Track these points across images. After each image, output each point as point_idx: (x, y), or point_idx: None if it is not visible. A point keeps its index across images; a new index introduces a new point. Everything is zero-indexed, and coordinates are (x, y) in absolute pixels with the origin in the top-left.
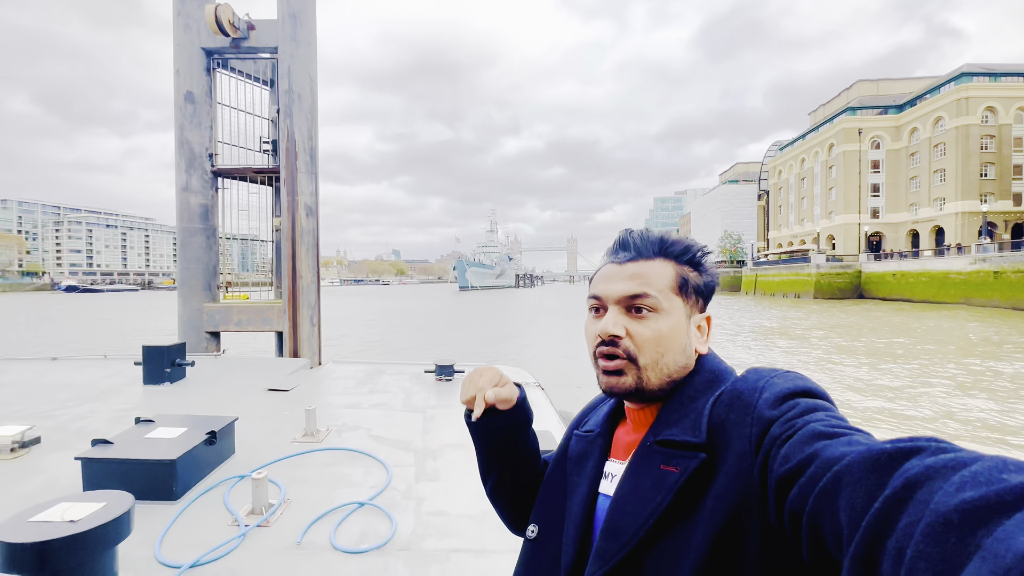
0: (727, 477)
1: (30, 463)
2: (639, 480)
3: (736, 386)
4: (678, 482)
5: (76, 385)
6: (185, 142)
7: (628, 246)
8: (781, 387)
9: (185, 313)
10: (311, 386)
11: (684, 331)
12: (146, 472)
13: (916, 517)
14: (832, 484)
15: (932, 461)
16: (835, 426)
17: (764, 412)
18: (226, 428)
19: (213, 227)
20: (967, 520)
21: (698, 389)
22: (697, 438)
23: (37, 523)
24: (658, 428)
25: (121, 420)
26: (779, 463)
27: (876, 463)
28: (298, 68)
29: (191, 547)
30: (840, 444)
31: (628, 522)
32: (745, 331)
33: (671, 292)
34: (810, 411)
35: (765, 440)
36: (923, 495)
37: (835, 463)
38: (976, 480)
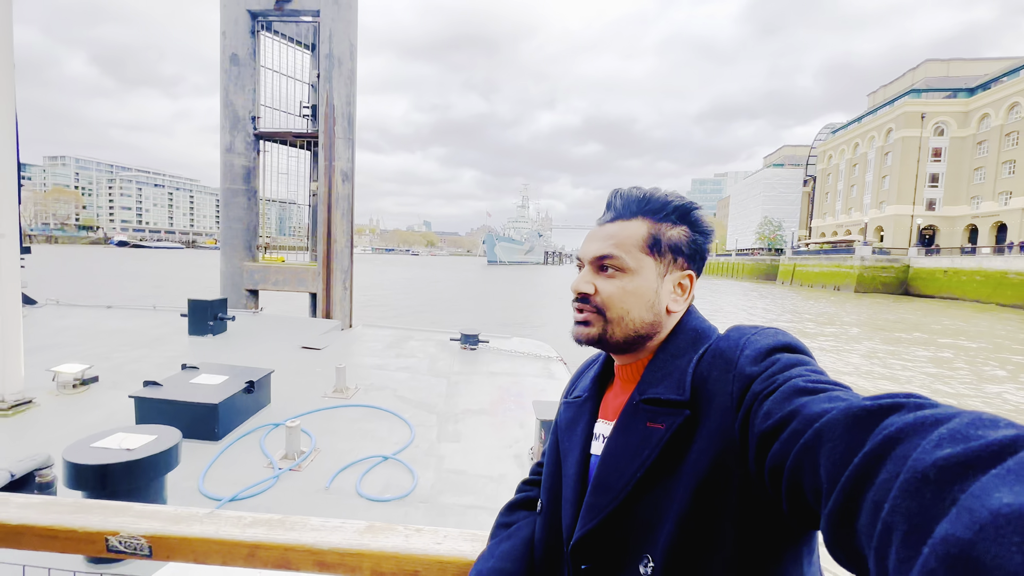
0: (709, 432)
1: (89, 398)
2: (627, 437)
3: (718, 344)
4: (663, 438)
5: (129, 332)
6: (229, 104)
7: (611, 207)
8: (761, 343)
9: (227, 270)
10: (342, 346)
11: (651, 289)
12: (191, 413)
13: (894, 472)
14: (813, 440)
15: (911, 418)
16: (815, 381)
17: (745, 368)
18: (263, 379)
19: (254, 189)
20: (943, 476)
21: (681, 347)
22: (681, 396)
23: (98, 448)
24: (643, 387)
25: (168, 365)
26: (760, 419)
27: (856, 419)
28: (339, 32)
29: (230, 483)
30: (821, 400)
31: (616, 477)
32: (780, 323)
33: (639, 251)
34: (791, 366)
35: (747, 396)
36: (902, 451)
37: (816, 419)
38: (953, 437)
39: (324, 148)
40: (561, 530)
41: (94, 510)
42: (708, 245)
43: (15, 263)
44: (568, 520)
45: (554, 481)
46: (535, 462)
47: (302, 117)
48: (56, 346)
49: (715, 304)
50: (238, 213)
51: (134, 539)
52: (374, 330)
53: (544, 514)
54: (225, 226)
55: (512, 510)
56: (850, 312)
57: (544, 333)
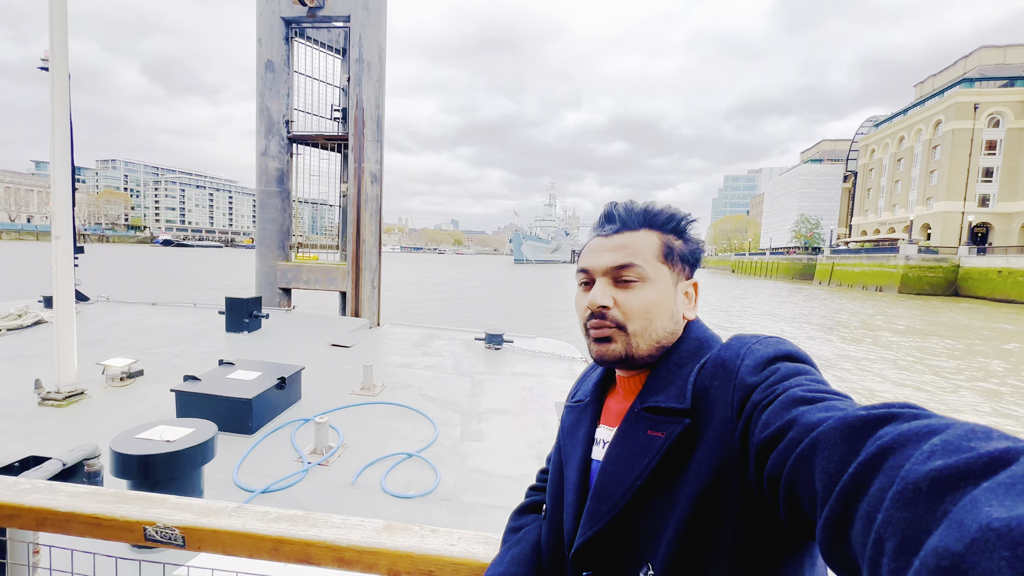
0: (710, 442)
1: (135, 391)
2: (627, 445)
3: (720, 354)
4: (663, 446)
5: (171, 328)
6: (265, 109)
7: (613, 218)
8: (762, 353)
9: (261, 270)
10: (370, 344)
11: (671, 298)
12: (227, 407)
13: (887, 483)
14: (809, 449)
15: (905, 428)
16: (815, 390)
17: (746, 378)
18: (294, 376)
19: (288, 190)
20: (935, 488)
21: (684, 356)
22: (682, 404)
23: (141, 439)
24: (645, 395)
25: (207, 361)
26: (759, 429)
27: (851, 429)
28: (368, 36)
29: (263, 476)
30: (818, 410)
31: (617, 485)
32: (816, 327)
33: (656, 261)
34: (791, 375)
35: (747, 406)
36: (895, 461)
37: (812, 429)
38: (946, 448)
39: (354, 150)
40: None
41: (133, 500)
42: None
43: (69, 264)
44: (569, 525)
45: (557, 486)
46: (540, 468)
47: (333, 120)
48: (105, 341)
49: (746, 304)
50: (272, 214)
51: (169, 530)
52: (401, 329)
53: (548, 519)
54: (260, 227)
55: (521, 515)
56: (902, 315)
57: (570, 334)
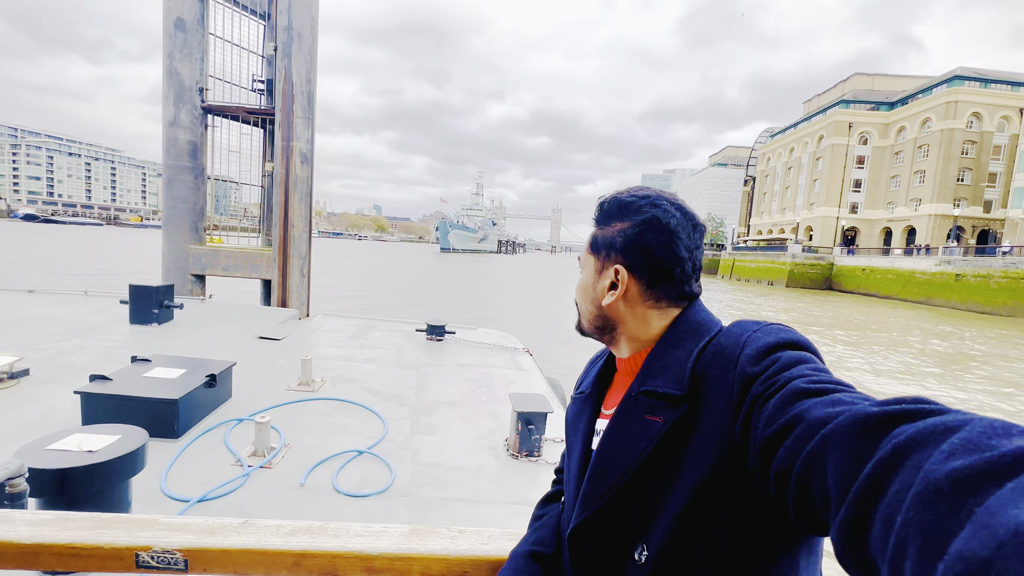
0: (708, 430)
1: (22, 394)
2: (624, 429)
3: (720, 340)
4: (660, 431)
5: (59, 319)
6: (174, 72)
7: None
8: (763, 341)
9: (170, 254)
10: (302, 337)
11: (591, 285)
12: (148, 410)
13: (906, 483)
14: (819, 447)
15: (921, 426)
16: (818, 381)
17: (745, 368)
18: (225, 372)
19: (201, 166)
20: (957, 488)
21: (680, 338)
22: (680, 390)
23: (55, 451)
24: (642, 379)
25: (111, 358)
26: (763, 424)
27: (864, 427)
28: (299, 3)
29: (196, 484)
30: (825, 404)
31: (612, 467)
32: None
33: (587, 252)
34: (792, 365)
35: (747, 398)
36: (913, 461)
37: (821, 425)
38: (966, 446)
39: (281, 127)
40: None
41: (116, 524)
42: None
43: None
44: (567, 512)
45: (567, 475)
46: None
47: (255, 92)
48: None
49: None
50: (183, 192)
51: (168, 554)
52: (335, 320)
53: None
54: (168, 205)
55: (545, 503)
56: (782, 307)
57: (508, 324)
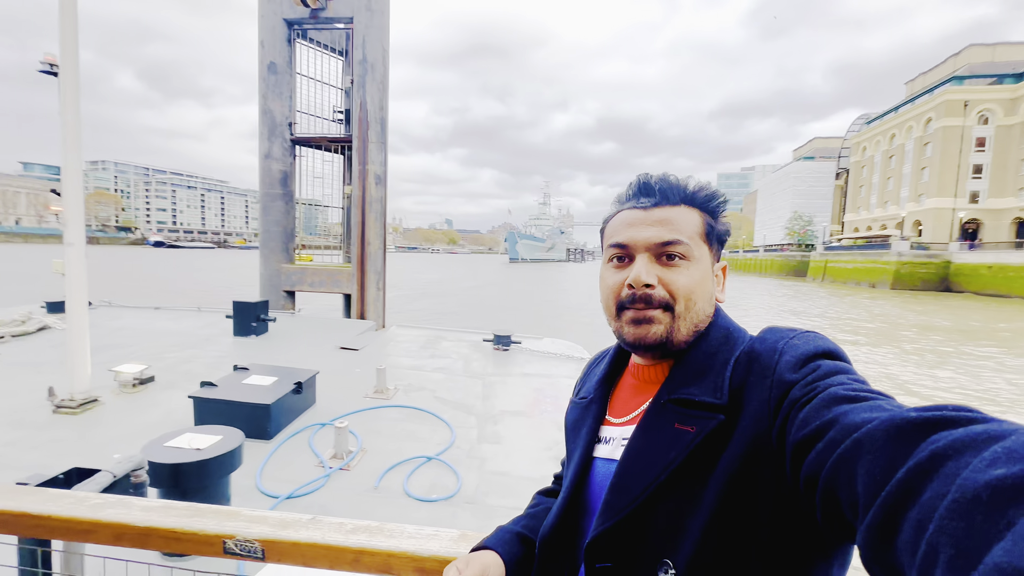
0: (742, 439)
1: (148, 397)
2: (651, 438)
3: (754, 347)
4: (694, 441)
5: (178, 332)
6: (268, 111)
7: (651, 191)
8: (801, 349)
9: (266, 273)
10: (378, 347)
11: (711, 279)
12: (246, 413)
13: (942, 491)
14: (852, 451)
15: (962, 433)
16: (856, 390)
17: (784, 375)
18: (309, 380)
19: (291, 192)
20: (997, 497)
21: (714, 346)
22: (719, 399)
23: (171, 448)
24: (672, 386)
25: (218, 366)
26: (797, 427)
27: (900, 431)
28: (372, 38)
29: (284, 481)
30: (862, 410)
31: (638, 479)
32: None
33: (699, 239)
34: (831, 374)
35: (784, 403)
36: (950, 468)
37: (856, 429)
38: (1010, 455)
39: (358, 152)
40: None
41: (208, 514)
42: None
43: (82, 270)
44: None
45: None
46: None
47: (335, 122)
48: (113, 346)
49: (746, 303)
50: (276, 216)
51: (248, 543)
52: (407, 330)
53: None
54: (264, 229)
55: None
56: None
57: (574, 334)
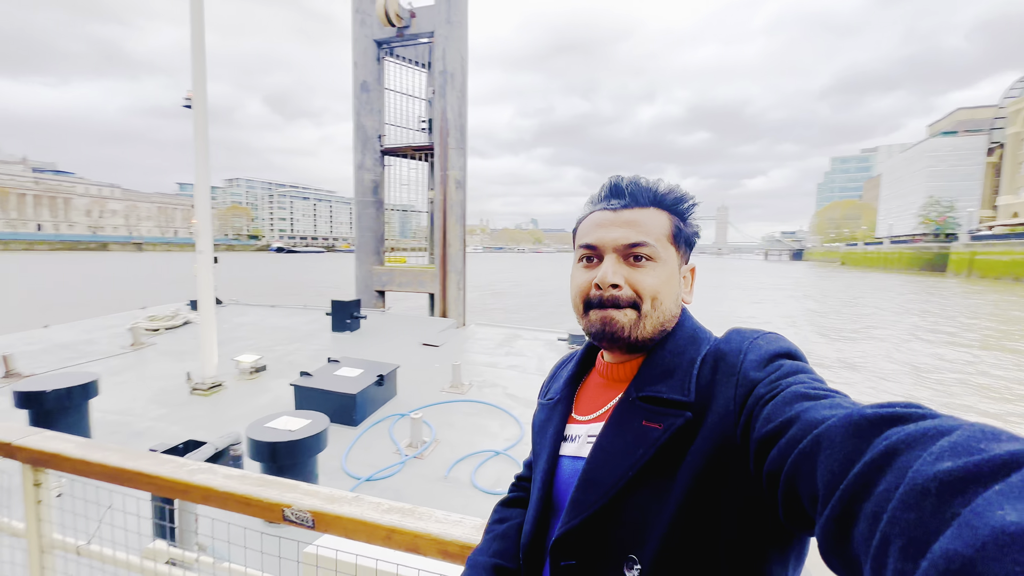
0: (709, 436)
1: (261, 384)
2: (620, 434)
3: (720, 347)
4: (660, 439)
5: (287, 328)
6: (361, 126)
7: (621, 192)
8: (765, 349)
9: (360, 274)
10: (457, 344)
11: (678, 281)
12: (335, 401)
13: (894, 483)
14: (812, 446)
15: (913, 429)
16: (816, 388)
17: (750, 373)
18: (391, 373)
19: (381, 200)
20: (944, 489)
21: (680, 346)
22: (686, 397)
23: (270, 428)
24: (641, 383)
25: (317, 358)
26: (761, 423)
27: (857, 428)
28: (451, 49)
29: (366, 465)
30: (822, 407)
31: (606, 475)
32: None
33: (666, 241)
34: (793, 373)
35: (749, 400)
36: (902, 462)
37: (816, 426)
38: (955, 449)
39: (439, 158)
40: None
41: (273, 485)
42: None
43: (210, 274)
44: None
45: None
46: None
47: (420, 131)
48: (237, 339)
49: (870, 312)
50: (368, 222)
51: (302, 512)
52: (486, 328)
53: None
54: (358, 234)
55: (505, 507)
56: None
57: None
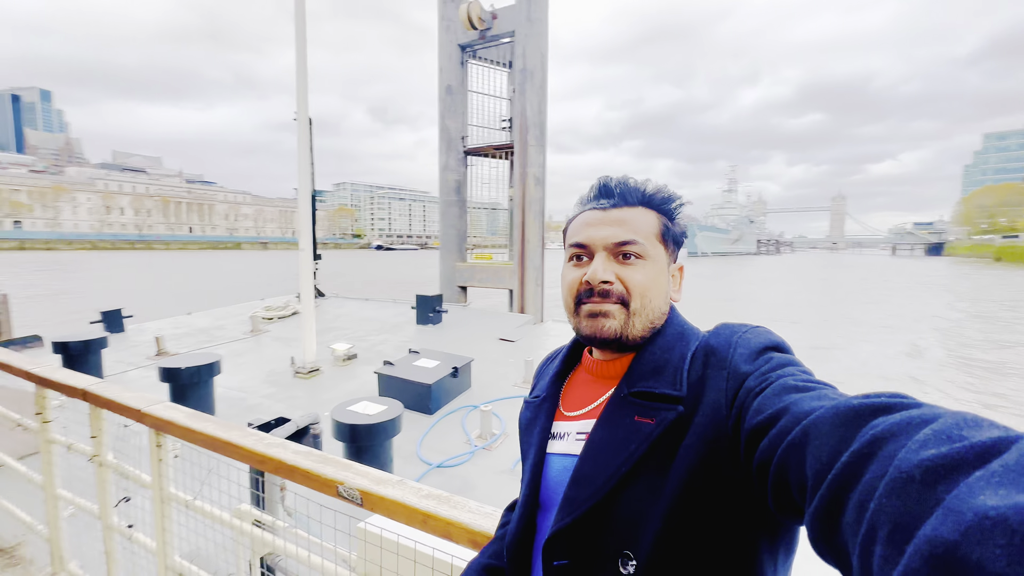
0: (700, 429)
1: (351, 371)
2: (612, 431)
3: (709, 342)
4: (653, 433)
5: (376, 320)
6: (445, 128)
7: (610, 192)
8: (754, 342)
9: (443, 270)
10: (533, 339)
11: (666, 278)
12: (413, 389)
13: (880, 472)
14: (800, 437)
15: (898, 418)
16: (805, 380)
17: (740, 366)
18: (465, 366)
19: (464, 199)
20: (928, 476)
21: (670, 341)
22: (677, 391)
23: (351, 412)
24: (632, 380)
25: (400, 348)
26: (751, 415)
27: (844, 418)
28: (531, 47)
29: (438, 452)
30: (811, 398)
31: (599, 472)
32: None
33: (655, 240)
34: (783, 365)
35: (740, 393)
36: (888, 451)
37: (804, 417)
38: (938, 437)
39: (519, 156)
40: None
41: (330, 463)
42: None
43: (309, 270)
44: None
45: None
46: None
47: (501, 130)
48: (334, 329)
49: None
50: (452, 221)
51: (352, 490)
52: (562, 325)
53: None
54: (443, 232)
55: (510, 511)
56: None
57: None
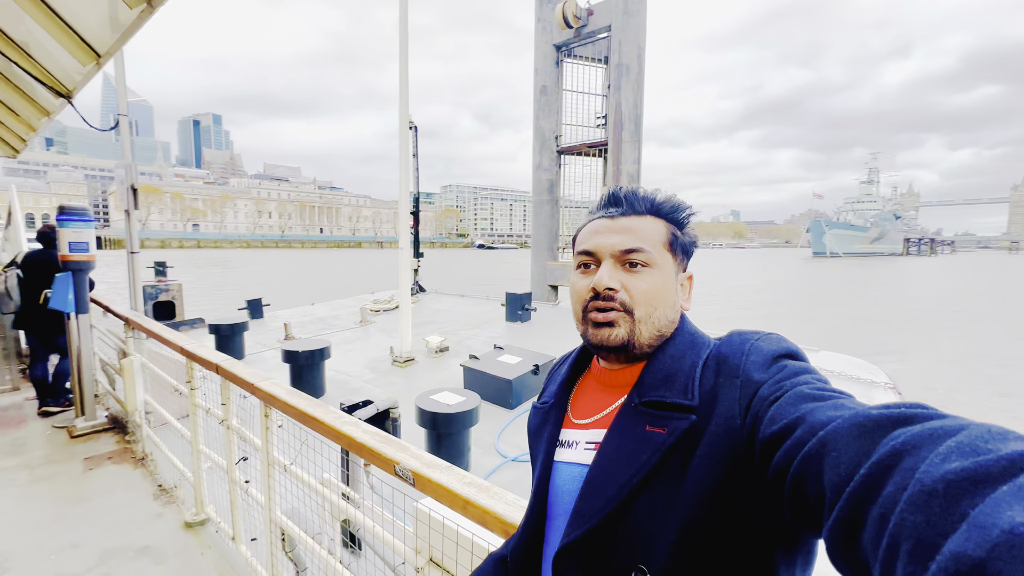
0: (713, 439)
1: (442, 362)
2: (623, 441)
3: (721, 350)
4: (665, 443)
5: (469, 315)
6: (539, 129)
7: (619, 201)
8: (767, 350)
9: (535, 269)
10: None
11: (674, 287)
12: (495, 384)
13: (901, 485)
14: (817, 448)
15: (919, 429)
16: (821, 389)
17: (753, 375)
18: (546, 364)
19: (556, 198)
20: (952, 490)
21: (681, 350)
22: (689, 400)
23: (433, 400)
24: (643, 389)
25: (488, 344)
26: (766, 424)
27: (863, 429)
28: (628, 40)
29: (514, 446)
30: (827, 408)
31: (610, 483)
32: None
33: (663, 248)
34: (797, 373)
35: (754, 402)
36: (909, 463)
37: (821, 427)
38: (962, 450)
39: (612, 153)
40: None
41: (391, 444)
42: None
43: (408, 267)
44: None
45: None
46: None
47: (596, 127)
48: (430, 322)
49: None
50: (544, 220)
51: (406, 471)
52: None
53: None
54: (534, 232)
55: None
56: None
57: (886, 361)
